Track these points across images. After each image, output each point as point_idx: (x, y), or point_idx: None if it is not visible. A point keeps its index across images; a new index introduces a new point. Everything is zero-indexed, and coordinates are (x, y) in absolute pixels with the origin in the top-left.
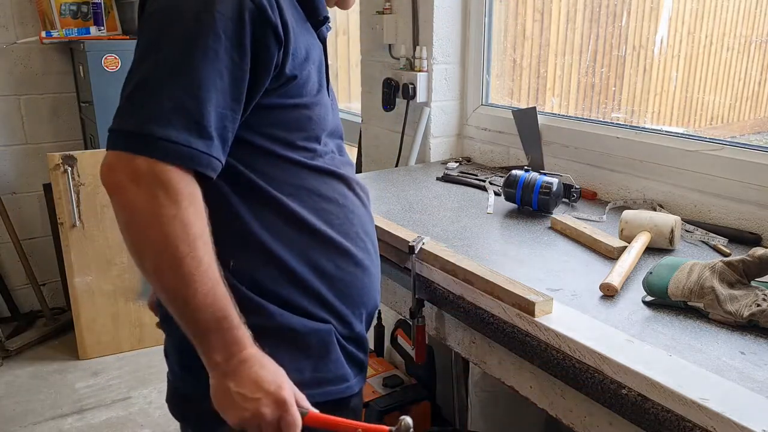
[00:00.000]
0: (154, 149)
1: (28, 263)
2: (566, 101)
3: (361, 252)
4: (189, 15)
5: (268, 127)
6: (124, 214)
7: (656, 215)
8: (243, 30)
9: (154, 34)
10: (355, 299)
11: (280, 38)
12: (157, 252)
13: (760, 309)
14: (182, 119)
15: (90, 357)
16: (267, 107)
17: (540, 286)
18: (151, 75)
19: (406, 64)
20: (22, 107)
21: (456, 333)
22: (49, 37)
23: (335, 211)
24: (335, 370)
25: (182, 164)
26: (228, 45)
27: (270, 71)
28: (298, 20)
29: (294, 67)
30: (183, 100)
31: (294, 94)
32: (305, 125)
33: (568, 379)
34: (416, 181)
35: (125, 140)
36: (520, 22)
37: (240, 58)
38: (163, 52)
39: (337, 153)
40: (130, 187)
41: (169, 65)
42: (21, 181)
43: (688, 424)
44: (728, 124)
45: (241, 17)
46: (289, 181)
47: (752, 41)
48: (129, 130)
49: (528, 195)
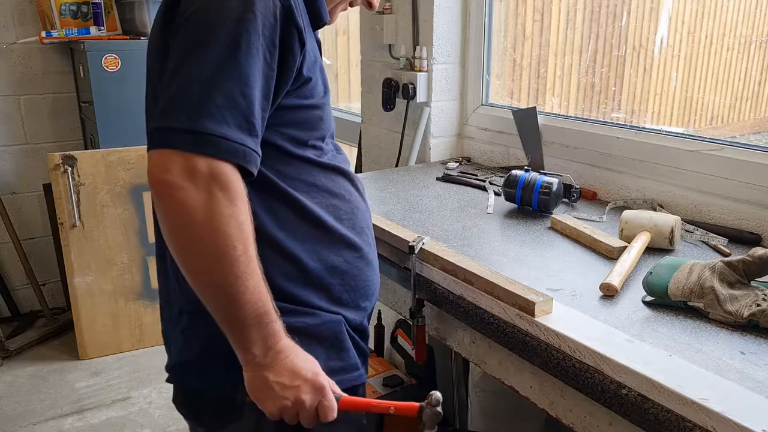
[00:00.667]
0: (212, 147)
1: (28, 263)
2: (566, 101)
3: (366, 245)
4: (231, 14)
5: (285, 127)
6: (179, 216)
7: (656, 215)
8: (275, 30)
9: (196, 35)
10: (362, 292)
11: (304, 40)
12: (213, 252)
13: (760, 309)
14: (236, 117)
15: (90, 357)
16: (285, 108)
17: (540, 286)
18: (199, 73)
19: (406, 64)
20: (22, 107)
21: (456, 333)
22: (49, 37)
23: (343, 206)
24: (348, 359)
25: (238, 162)
26: (264, 44)
27: (293, 72)
28: (307, 25)
29: (309, 68)
30: (235, 97)
31: (308, 94)
32: (317, 125)
33: (568, 379)
34: (416, 181)
35: (179, 138)
36: (520, 22)
37: (272, 57)
38: (210, 51)
39: (336, 151)
40: (188, 186)
41: (217, 63)
42: (21, 181)
43: (688, 424)
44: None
45: (275, 17)
46: (302, 178)
47: (752, 41)
48: (183, 128)
49: (528, 195)
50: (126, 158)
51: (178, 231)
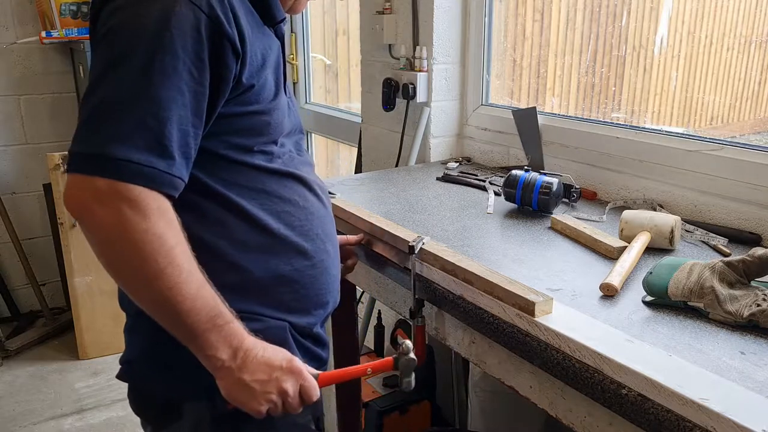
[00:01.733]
0: (114, 170)
1: (28, 263)
2: (566, 101)
3: (320, 252)
4: (145, 33)
5: (226, 135)
6: (95, 236)
7: (656, 215)
8: (201, 45)
9: (110, 54)
10: (314, 299)
11: (238, 50)
12: (135, 268)
13: (760, 309)
14: (143, 139)
15: (90, 357)
16: (225, 116)
17: (540, 286)
18: (110, 95)
19: (406, 64)
20: (22, 107)
21: (456, 333)
22: (49, 37)
23: (295, 212)
24: None
25: (144, 185)
26: (187, 61)
27: (229, 83)
28: (254, 24)
29: (251, 75)
30: (144, 120)
31: (251, 101)
32: (263, 130)
33: (568, 379)
34: (416, 181)
35: (84, 162)
36: (520, 22)
37: (199, 73)
38: (121, 71)
39: (296, 152)
40: (94, 207)
41: (128, 85)
42: (21, 181)
43: (688, 424)
44: (728, 124)
45: (198, 32)
46: (250, 185)
47: (752, 41)
48: (89, 152)
49: (528, 195)
50: None
51: (100, 252)
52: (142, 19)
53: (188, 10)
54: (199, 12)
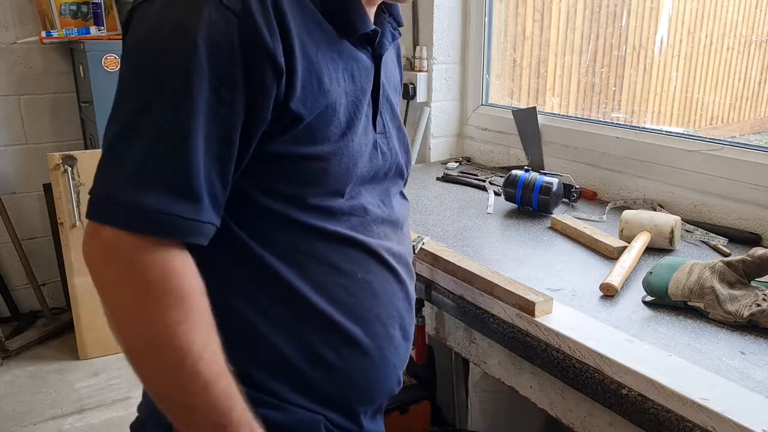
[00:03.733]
0: (124, 219)
1: (28, 263)
2: (566, 101)
3: (378, 338)
4: (167, 46)
5: (269, 181)
6: (103, 302)
7: (656, 215)
8: (232, 60)
9: (130, 72)
10: (362, 393)
11: (280, 68)
12: (144, 353)
13: (760, 309)
14: (162, 178)
15: (90, 357)
16: (268, 156)
17: (540, 286)
18: (127, 124)
19: (406, 64)
20: (22, 107)
21: (456, 333)
22: (49, 37)
23: (348, 286)
24: None
25: (163, 235)
26: (214, 80)
27: (266, 110)
28: (321, 39)
29: (303, 103)
30: (163, 154)
31: (305, 139)
32: (320, 179)
33: (568, 379)
34: (416, 181)
35: (94, 206)
36: (520, 22)
37: (230, 94)
38: (140, 94)
39: (377, 205)
40: (98, 262)
41: (145, 110)
42: (21, 181)
43: (688, 424)
44: (728, 124)
45: (230, 42)
46: (291, 245)
47: (752, 41)
48: (98, 194)
49: (528, 195)
50: None
51: (108, 318)
52: (163, 28)
53: (218, 15)
54: (231, 16)
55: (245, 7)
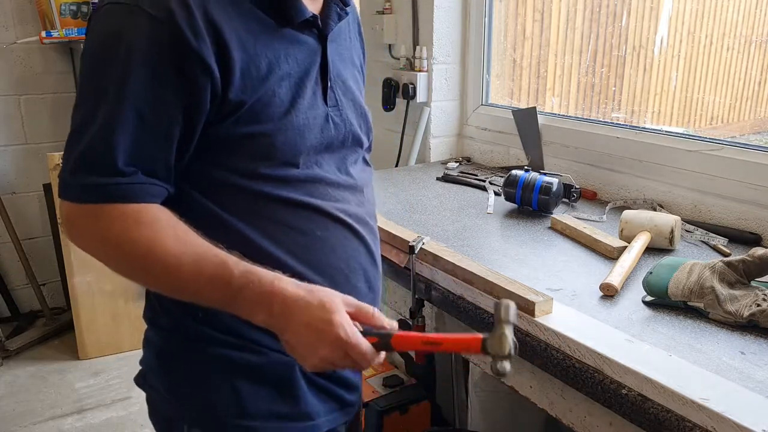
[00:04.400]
0: (73, 195)
1: (28, 263)
2: (566, 101)
3: (341, 288)
4: (105, 54)
5: (222, 158)
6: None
7: (656, 215)
8: (162, 62)
9: (81, 77)
10: None
11: (208, 66)
12: (125, 270)
13: (760, 309)
14: (91, 164)
15: (90, 357)
16: (217, 138)
17: (540, 286)
18: (74, 122)
19: (406, 64)
20: (22, 107)
21: (456, 333)
22: (49, 37)
23: (307, 243)
24: (296, 406)
25: (95, 201)
26: (148, 80)
27: (203, 103)
28: (258, 30)
29: (243, 91)
30: (94, 147)
31: (248, 120)
32: (269, 153)
33: (568, 379)
34: (416, 181)
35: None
36: (520, 22)
37: (163, 91)
38: (82, 96)
39: (335, 173)
40: (70, 228)
41: (85, 111)
42: (21, 181)
43: (688, 424)
44: (728, 124)
45: (159, 47)
46: (252, 211)
47: (752, 41)
48: (60, 178)
49: (528, 195)
50: None
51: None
52: (99, 36)
53: (147, 23)
54: (157, 24)
55: (169, 15)
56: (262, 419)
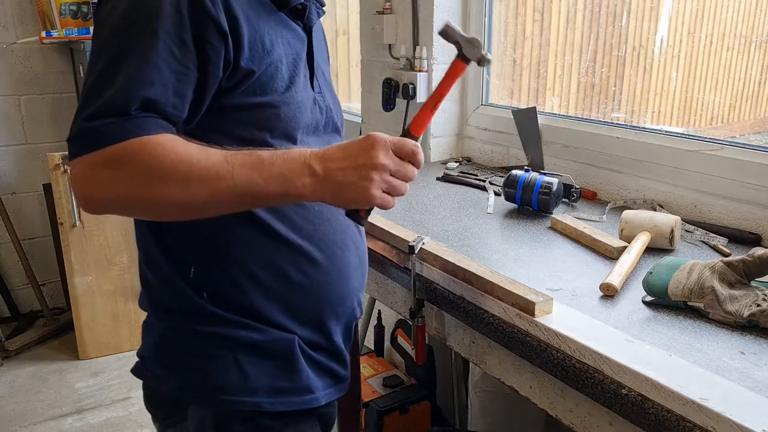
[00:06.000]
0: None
1: (28, 263)
2: (566, 101)
3: (337, 260)
4: (124, 15)
5: (231, 128)
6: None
7: (656, 215)
8: (181, 25)
9: (97, 41)
10: (326, 309)
11: (224, 31)
12: (151, 205)
13: (760, 309)
14: (113, 109)
15: (90, 357)
16: (228, 108)
17: (540, 286)
18: (94, 75)
19: (406, 64)
20: (22, 107)
21: (456, 333)
22: (49, 37)
23: (306, 215)
24: (297, 380)
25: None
26: (168, 41)
27: (218, 65)
28: (261, 11)
29: (251, 59)
30: (114, 97)
31: (256, 91)
32: (272, 123)
33: (568, 379)
34: (416, 181)
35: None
36: (520, 22)
37: (182, 53)
38: (104, 56)
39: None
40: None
41: (105, 65)
42: (21, 181)
43: (688, 424)
44: (728, 124)
45: (179, 12)
46: None
47: (752, 41)
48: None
49: (528, 195)
50: None
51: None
52: (125, 3)
53: None
54: None
55: None
56: (267, 395)
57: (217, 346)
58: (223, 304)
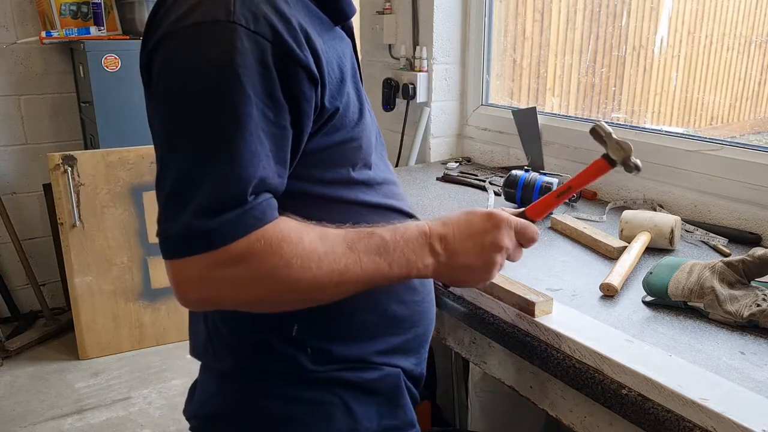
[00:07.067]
0: (211, 241)
1: (28, 263)
2: (566, 101)
3: (427, 284)
4: (209, 76)
5: (313, 172)
6: (243, 305)
7: (656, 215)
8: (271, 81)
9: (174, 106)
10: (421, 337)
11: (315, 76)
12: (287, 302)
13: (760, 309)
14: (225, 200)
15: (90, 357)
16: (309, 152)
17: (540, 286)
18: (185, 166)
19: (406, 64)
20: (22, 107)
21: (456, 333)
22: (49, 37)
23: None
24: (403, 416)
25: (236, 238)
26: (259, 104)
27: (311, 116)
28: (322, 30)
29: (333, 96)
30: (227, 185)
31: (338, 127)
32: (357, 156)
33: (568, 379)
34: (416, 181)
35: (182, 243)
36: (520, 22)
37: (275, 114)
38: (192, 134)
39: (383, 167)
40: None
41: (201, 148)
42: (21, 181)
43: (688, 424)
44: (728, 124)
45: (266, 66)
46: (348, 221)
47: (752, 41)
48: (180, 232)
49: (528, 195)
50: (126, 158)
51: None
52: (202, 65)
53: (251, 43)
54: (263, 42)
55: (273, 30)
56: None
57: (322, 391)
58: (328, 355)
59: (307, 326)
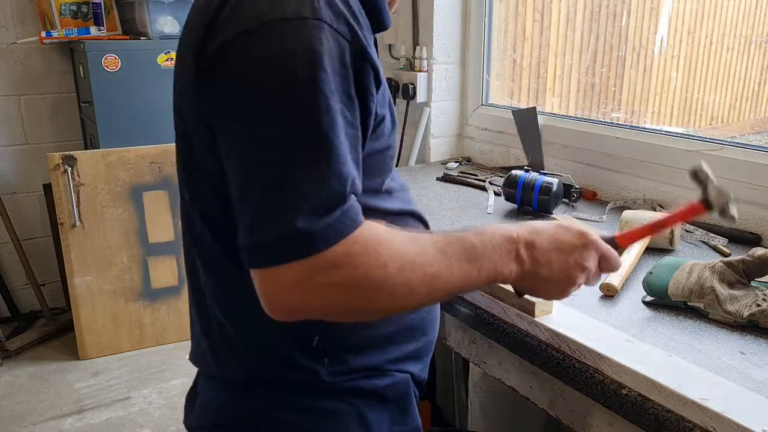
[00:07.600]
0: (311, 246)
1: (28, 263)
2: (566, 101)
3: None
4: (298, 74)
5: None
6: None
7: (656, 215)
8: (348, 81)
9: (258, 104)
10: (429, 344)
11: (380, 78)
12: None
13: (760, 309)
14: (331, 204)
15: (90, 357)
16: None
17: None
18: (282, 165)
19: (406, 64)
20: (22, 107)
21: (456, 333)
22: (49, 37)
23: None
24: (411, 422)
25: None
26: (337, 100)
27: (374, 117)
28: (370, 37)
29: (381, 103)
30: (330, 185)
31: (382, 134)
32: (389, 166)
33: (568, 379)
34: (416, 181)
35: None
36: (520, 22)
37: (351, 113)
38: (285, 130)
39: (395, 173)
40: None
41: (297, 149)
42: (21, 181)
43: (688, 424)
44: (728, 124)
45: (345, 66)
46: None
47: (752, 41)
48: (276, 239)
49: (528, 195)
50: (126, 158)
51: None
52: (288, 62)
53: (334, 41)
54: (342, 40)
55: (351, 29)
56: None
57: (337, 401)
58: (345, 366)
59: (328, 337)
